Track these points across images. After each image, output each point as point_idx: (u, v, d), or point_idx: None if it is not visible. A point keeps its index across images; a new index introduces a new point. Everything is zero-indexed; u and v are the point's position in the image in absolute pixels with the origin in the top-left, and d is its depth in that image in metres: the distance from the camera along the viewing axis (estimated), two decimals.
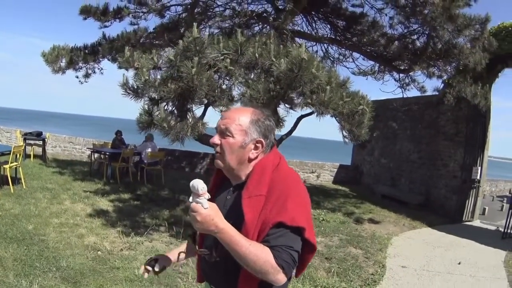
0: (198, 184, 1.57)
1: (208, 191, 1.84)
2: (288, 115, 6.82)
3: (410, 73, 10.47)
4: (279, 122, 6.59)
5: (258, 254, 1.60)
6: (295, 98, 6.31)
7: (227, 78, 6.15)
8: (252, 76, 6.14)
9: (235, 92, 6.44)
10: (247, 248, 1.60)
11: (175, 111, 6.11)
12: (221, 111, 6.05)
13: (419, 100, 12.01)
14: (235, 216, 1.74)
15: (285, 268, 1.63)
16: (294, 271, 1.79)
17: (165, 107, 5.99)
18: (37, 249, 5.64)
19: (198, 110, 6.69)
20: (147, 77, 5.65)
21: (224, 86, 6.12)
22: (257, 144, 1.86)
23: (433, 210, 10.84)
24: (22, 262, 5.14)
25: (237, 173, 1.90)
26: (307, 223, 1.71)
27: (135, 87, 6.02)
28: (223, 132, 1.85)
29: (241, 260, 1.62)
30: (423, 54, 8.76)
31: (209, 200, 1.63)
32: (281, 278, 1.65)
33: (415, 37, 9.55)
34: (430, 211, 10.74)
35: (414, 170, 12.23)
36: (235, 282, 1.80)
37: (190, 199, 1.62)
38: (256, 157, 1.88)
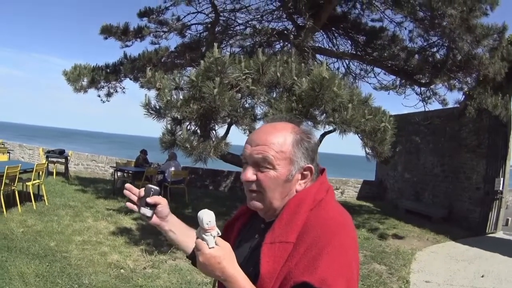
0: (204, 217, 1.27)
1: (235, 218, 1.63)
2: None
3: (431, 86, 10.38)
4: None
5: None
6: (318, 116, 6.29)
7: (250, 97, 6.17)
8: (274, 95, 6.15)
9: (258, 111, 6.47)
10: None
11: (198, 131, 6.15)
12: (245, 130, 6.07)
13: (440, 113, 11.86)
14: (256, 263, 1.35)
15: None
16: None
17: (188, 127, 6.03)
18: (59, 265, 5.67)
19: (221, 129, 6.75)
20: (169, 98, 5.72)
21: (246, 105, 6.14)
22: (305, 172, 1.41)
23: (457, 223, 10.66)
24: (44, 278, 5.17)
25: (277, 211, 1.43)
26: (346, 285, 1.25)
27: (157, 107, 6.09)
28: (259, 164, 1.37)
29: None
30: (443, 67, 8.69)
31: (231, 231, 1.40)
32: None
33: (435, 49, 9.51)
34: (453, 224, 10.56)
35: (437, 184, 12.05)
36: None
37: (196, 232, 1.32)
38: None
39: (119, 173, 13.10)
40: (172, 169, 11.93)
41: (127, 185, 1.64)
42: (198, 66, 5.92)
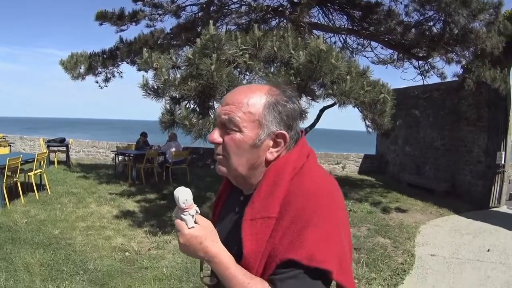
0: (180, 196, 1.19)
1: (218, 196, 1.56)
2: (310, 107, 6.78)
3: (429, 60, 10.33)
4: (302, 114, 6.57)
5: None
6: (316, 90, 6.28)
7: (247, 73, 6.15)
8: (272, 70, 6.13)
9: None
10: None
11: (197, 109, 6.14)
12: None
13: (439, 87, 11.83)
14: (239, 240, 1.26)
15: None
16: None
17: (187, 105, 6.03)
18: (64, 253, 5.70)
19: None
20: (166, 77, 5.70)
21: (244, 82, 6.12)
22: (278, 139, 1.28)
23: (459, 196, 10.68)
24: (49, 267, 5.18)
25: (249, 180, 1.34)
26: (338, 262, 1.17)
27: (155, 87, 6.07)
28: (226, 125, 1.28)
29: None
30: (440, 40, 8.64)
31: (216, 209, 1.30)
32: None
33: (431, 23, 9.41)
34: (456, 198, 10.59)
35: (438, 157, 12.06)
36: None
37: (174, 212, 1.24)
38: (278, 157, 1.31)
39: (120, 157, 13.15)
40: (173, 149, 11.98)
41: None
42: (194, 45, 5.89)
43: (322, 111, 8.04)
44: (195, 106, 6.17)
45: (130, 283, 4.86)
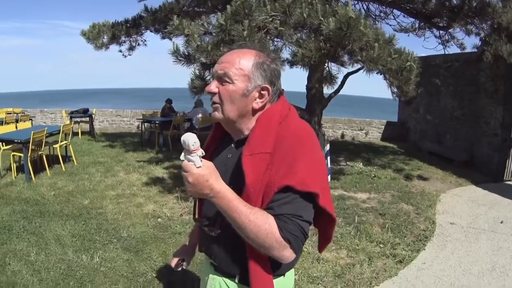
0: (189, 139, 1.33)
1: (207, 147, 1.71)
2: (339, 73, 6.87)
3: (449, 30, 10.31)
4: (332, 79, 6.70)
5: (260, 224, 1.36)
6: (344, 56, 6.36)
7: (278, 39, 6.24)
8: (301, 36, 6.22)
9: (287, 52, 6.51)
10: (246, 217, 1.36)
11: None
12: None
13: (459, 57, 11.77)
14: (236, 178, 1.50)
15: (292, 242, 1.37)
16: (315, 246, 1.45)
17: None
18: (95, 222, 5.75)
19: None
20: (199, 43, 5.81)
21: (272, 47, 6.21)
22: (262, 92, 1.55)
23: (477, 167, 10.73)
24: (81, 237, 5.21)
25: (239, 126, 1.60)
26: (322, 188, 1.44)
27: (186, 53, 6.20)
28: (221, 78, 1.54)
29: (241, 230, 1.39)
30: (460, 11, 8.63)
31: (205, 157, 1.39)
32: (288, 254, 1.40)
33: None
34: (474, 168, 10.65)
35: (458, 127, 12.07)
36: (239, 260, 1.55)
37: (182, 156, 1.39)
38: (261, 108, 1.57)
39: (146, 125, 13.25)
40: (200, 115, 12.10)
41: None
42: (225, 11, 5.97)
43: (346, 76, 8.08)
44: None
45: (165, 248, 4.94)
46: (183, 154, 1.38)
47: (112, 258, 4.62)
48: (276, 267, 1.55)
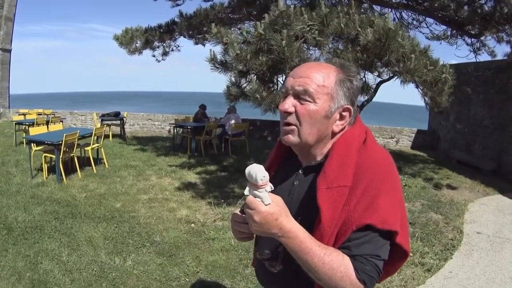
0: (257, 172, 1.18)
1: (268, 168, 1.52)
2: (374, 83, 6.91)
3: (481, 38, 10.28)
4: (368, 89, 6.75)
5: (335, 267, 1.23)
6: (380, 67, 6.41)
7: (316, 48, 6.31)
8: (339, 46, 6.28)
9: None
10: (321, 259, 1.22)
11: (265, 83, 6.34)
12: None
13: (489, 65, 11.69)
14: (306, 212, 1.35)
15: (367, 283, 1.26)
16: None
17: (256, 79, 6.23)
18: (128, 226, 5.77)
19: None
20: (238, 51, 5.90)
21: (313, 57, 6.28)
22: (343, 113, 1.39)
23: (505, 176, 10.63)
24: (113, 240, 5.24)
25: (313, 151, 1.43)
26: (402, 224, 1.31)
27: (224, 61, 6.31)
28: (299, 96, 1.35)
29: (312, 272, 1.25)
30: (491, 19, 8.60)
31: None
32: None
33: (483, 1, 9.36)
34: (502, 177, 10.55)
35: (487, 136, 11.95)
36: None
37: (246, 191, 1.25)
38: (341, 131, 1.41)
39: (178, 129, 13.26)
40: (233, 121, 12.12)
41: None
42: (256, 20, 6.05)
43: (378, 85, 8.10)
44: (266, 78, 6.33)
45: (198, 254, 4.94)
46: (247, 189, 1.24)
47: (145, 262, 4.67)
48: None
